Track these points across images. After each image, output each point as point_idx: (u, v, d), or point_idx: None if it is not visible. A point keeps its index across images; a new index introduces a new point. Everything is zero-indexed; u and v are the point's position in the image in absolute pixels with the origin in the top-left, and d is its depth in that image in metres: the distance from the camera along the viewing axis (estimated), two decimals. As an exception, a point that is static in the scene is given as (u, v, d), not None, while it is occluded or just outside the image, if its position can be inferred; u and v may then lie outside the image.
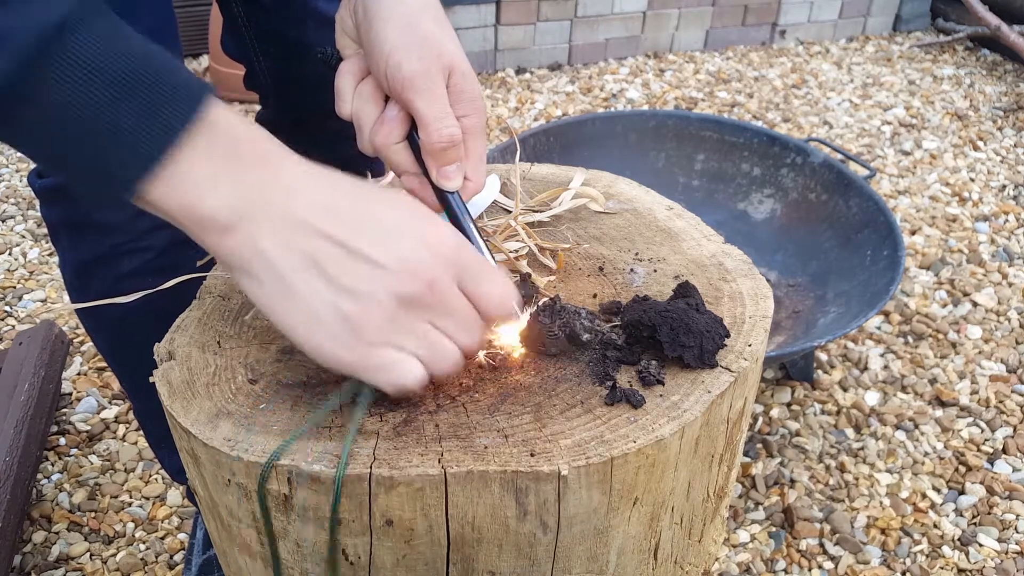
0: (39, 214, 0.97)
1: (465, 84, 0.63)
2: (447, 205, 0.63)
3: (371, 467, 0.53)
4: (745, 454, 1.53)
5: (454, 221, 0.63)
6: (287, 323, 0.50)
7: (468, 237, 0.62)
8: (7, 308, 1.82)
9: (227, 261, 0.50)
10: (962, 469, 1.51)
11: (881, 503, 1.44)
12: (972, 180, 2.42)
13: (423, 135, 0.62)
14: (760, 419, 1.60)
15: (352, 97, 0.66)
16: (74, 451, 1.49)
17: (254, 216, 0.48)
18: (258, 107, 1.16)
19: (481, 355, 0.62)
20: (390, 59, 0.60)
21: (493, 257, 0.63)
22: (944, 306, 1.92)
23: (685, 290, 0.65)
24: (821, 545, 1.38)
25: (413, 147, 0.64)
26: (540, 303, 0.66)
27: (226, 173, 0.48)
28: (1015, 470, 1.51)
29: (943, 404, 1.65)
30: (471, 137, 0.63)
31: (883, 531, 1.40)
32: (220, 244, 0.49)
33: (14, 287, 1.88)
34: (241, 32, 1.02)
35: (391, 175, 0.86)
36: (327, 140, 1.08)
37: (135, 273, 0.92)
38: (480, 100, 0.64)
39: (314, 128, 1.06)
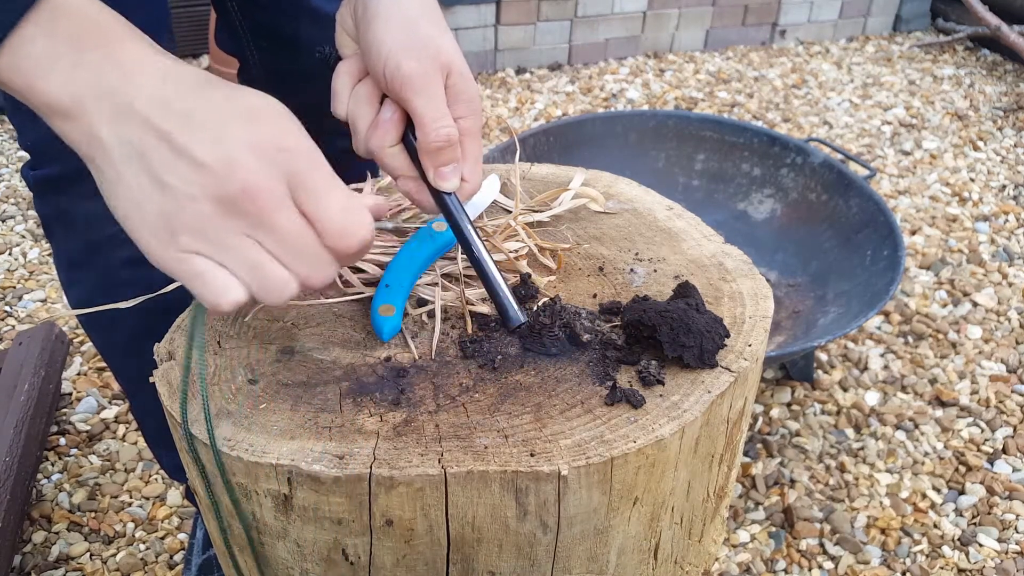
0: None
1: (463, 85, 0.63)
2: (444, 206, 0.63)
3: (371, 467, 0.53)
4: (745, 454, 1.53)
5: (451, 222, 0.63)
6: (119, 213, 0.49)
7: (466, 238, 0.62)
8: (7, 308, 1.82)
9: (73, 146, 0.49)
10: (962, 469, 1.51)
11: (881, 503, 1.44)
12: (972, 180, 2.42)
13: (420, 135, 0.61)
14: (760, 419, 1.60)
15: (348, 97, 0.65)
16: (74, 451, 1.49)
17: (91, 101, 0.47)
18: None
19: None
20: (388, 59, 0.60)
21: (492, 258, 0.62)
22: (944, 306, 1.92)
23: (685, 290, 0.65)
24: (821, 545, 1.38)
25: (408, 149, 0.64)
26: (541, 303, 0.66)
27: (67, 54, 0.46)
28: (1015, 470, 1.51)
29: (943, 404, 1.65)
30: (468, 138, 0.63)
31: (883, 531, 1.40)
32: (64, 128, 0.48)
33: (14, 287, 1.88)
34: (235, 26, 1.02)
35: (387, 178, 0.86)
36: (320, 136, 1.08)
37: (128, 262, 0.93)
38: (477, 102, 0.64)
39: (307, 123, 1.06)
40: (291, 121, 0.50)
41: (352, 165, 1.17)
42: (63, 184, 0.89)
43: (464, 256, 0.68)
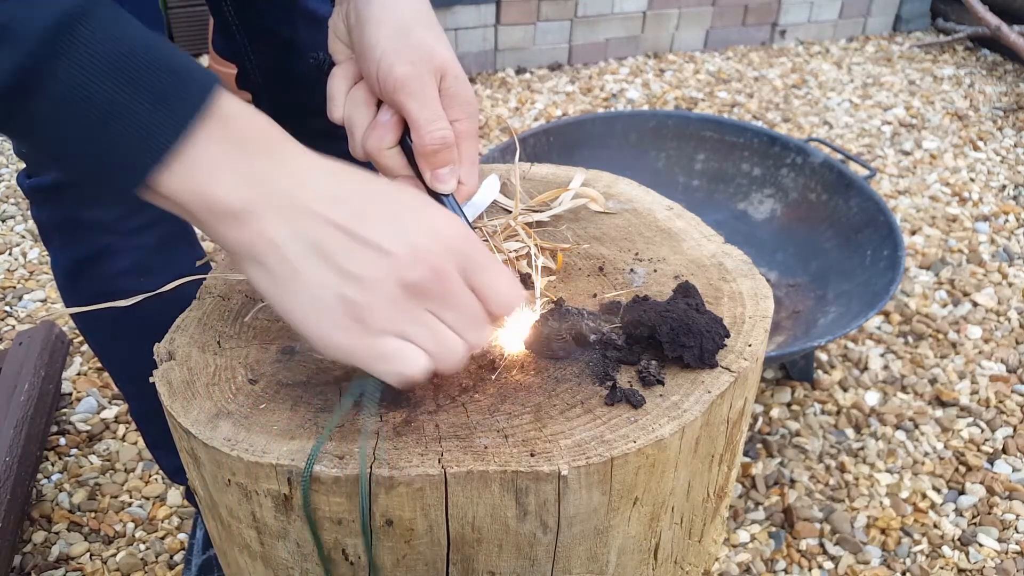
0: (37, 214, 0.97)
1: (457, 88, 0.63)
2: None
3: (371, 467, 0.53)
4: (745, 454, 1.53)
5: None
6: (294, 311, 0.50)
7: None
8: (7, 308, 1.82)
9: (236, 250, 0.50)
10: (962, 469, 1.51)
11: (881, 503, 1.44)
12: (972, 180, 2.42)
13: (416, 137, 0.62)
14: (760, 419, 1.60)
15: (344, 101, 0.66)
16: (74, 451, 1.49)
17: (263, 205, 0.48)
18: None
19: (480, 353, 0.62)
20: (381, 63, 0.61)
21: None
22: (944, 306, 1.92)
23: (685, 290, 0.65)
24: (821, 545, 1.38)
25: (406, 152, 0.64)
26: (545, 307, 0.66)
27: (236, 162, 0.48)
28: (1015, 470, 1.51)
29: (943, 404, 1.65)
30: (464, 141, 0.64)
31: (883, 531, 1.40)
32: (229, 233, 0.49)
33: (14, 287, 1.88)
34: (232, 31, 1.02)
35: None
36: (318, 139, 1.09)
37: (125, 272, 0.93)
38: (473, 104, 0.65)
39: (305, 127, 1.06)
40: (441, 208, 0.54)
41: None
42: (59, 192, 0.88)
43: None
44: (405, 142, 0.63)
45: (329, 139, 1.10)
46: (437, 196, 0.63)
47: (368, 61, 0.62)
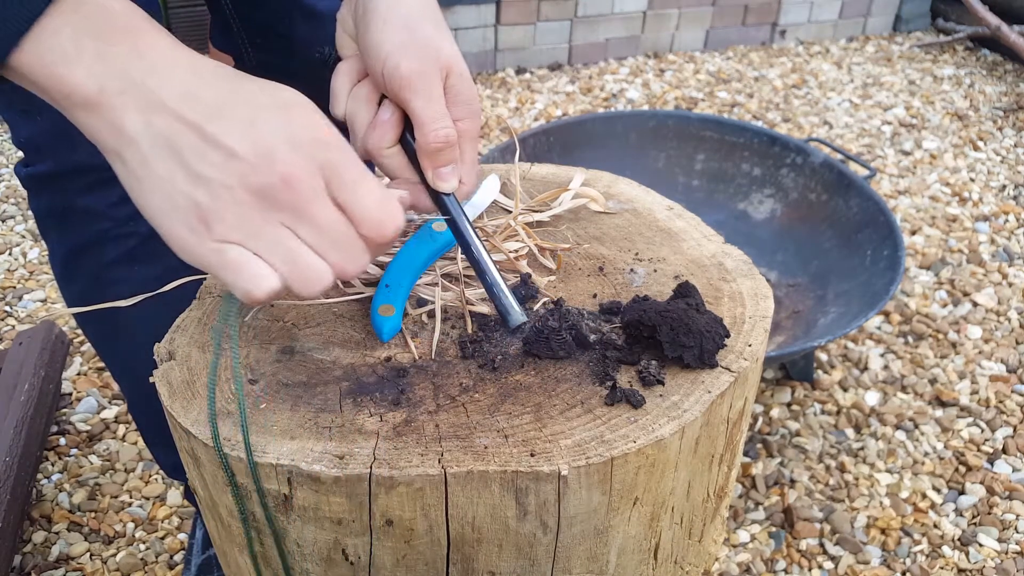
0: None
1: (462, 87, 0.63)
2: (443, 207, 0.63)
3: (371, 467, 0.53)
4: (745, 454, 1.53)
5: (450, 223, 0.63)
6: (146, 206, 0.48)
7: (465, 239, 0.62)
8: (7, 308, 1.82)
9: (95, 139, 0.49)
10: (962, 469, 1.51)
11: (881, 503, 1.44)
12: (972, 180, 2.42)
13: (419, 135, 0.61)
14: (760, 419, 1.60)
15: (347, 98, 0.65)
16: (74, 451, 1.49)
17: (117, 93, 0.46)
18: None
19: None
20: (388, 59, 0.60)
21: (491, 259, 0.62)
22: (944, 306, 1.92)
23: (685, 290, 0.65)
24: (821, 545, 1.38)
25: (406, 150, 0.63)
26: (545, 306, 0.66)
27: (92, 46, 0.46)
28: (1015, 470, 1.51)
29: (943, 404, 1.65)
30: (465, 141, 0.63)
31: (883, 531, 1.40)
32: (87, 121, 0.48)
33: (14, 287, 1.88)
34: (230, 24, 1.03)
35: (384, 179, 0.86)
36: None
37: (120, 260, 0.93)
38: (476, 104, 0.64)
39: None
40: (320, 114, 0.50)
41: None
42: (56, 181, 0.89)
43: (464, 256, 0.68)
44: (405, 140, 0.63)
45: None
46: (437, 195, 0.63)
47: (374, 58, 0.62)
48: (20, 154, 0.90)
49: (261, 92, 0.49)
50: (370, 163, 0.67)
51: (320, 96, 0.68)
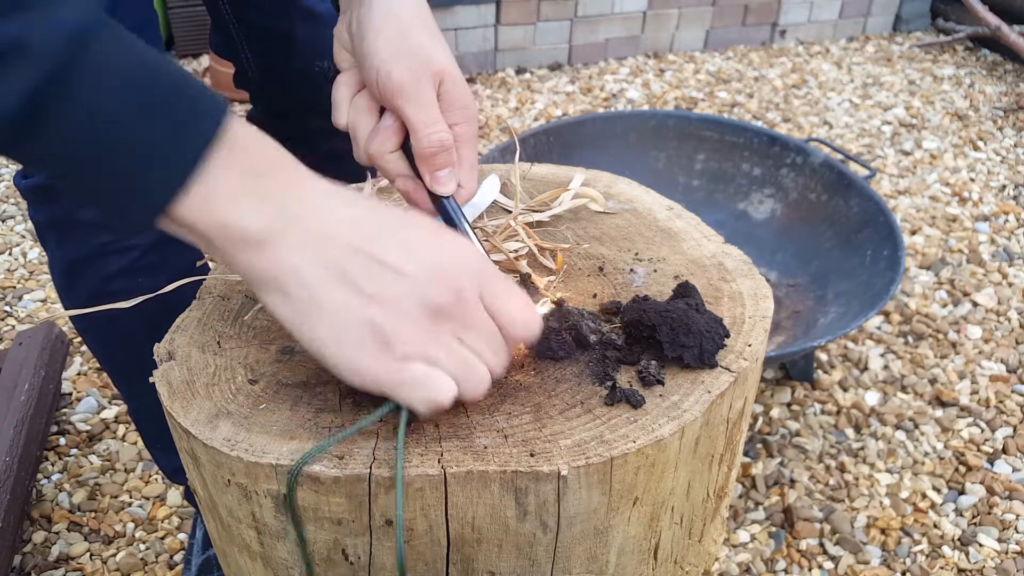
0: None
1: (456, 92, 0.63)
2: (442, 209, 0.64)
3: (371, 467, 0.53)
4: (745, 454, 1.53)
5: (450, 226, 0.64)
6: (317, 339, 0.49)
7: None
8: (7, 308, 1.82)
9: (256, 278, 0.49)
10: (962, 469, 1.51)
11: (881, 503, 1.44)
12: (972, 180, 2.42)
13: (414, 141, 0.62)
14: (760, 419, 1.60)
15: (348, 108, 0.66)
16: (74, 451, 1.50)
17: (282, 231, 0.47)
18: (250, 106, 1.17)
19: None
20: (380, 69, 0.61)
21: (490, 260, 0.63)
22: (944, 306, 1.92)
23: (685, 290, 0.65)
24: (821, 545, 1.38)
25: (408, 156, 0.64)
26: (545, 307, 0.66)
27: (253, 188, 0.47)
28: (1015, 470, 1.51)
29: (943, 404, 1.65)
30: (463, 144, 0.64)
31: (883, 531, 1.40)
32: (250, 261, 0.48)
33: (14, 287, 1.88)
34: (229, 30, 1.03)
35: (383, 181, 0.86)
36: (316, 136, 1.11)
37: (122, 272, 0.93)
38: (472, 108, 0.65)
39: (303, 124, 1.08)
40: (452, 233, 0.54)
41: (343, 167, 1.17)
42: (55, 193, 0.88)
43: None
44: (408, 147, 0.64)
45: (328, 136, 1.11)
46: (436, 198, 0.64)
47: (368, 68, 0.62)
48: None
49: (413, 217, 0.52)
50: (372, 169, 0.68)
51: (319, 98, 0.69)
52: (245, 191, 0.47)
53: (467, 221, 0.64)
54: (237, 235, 0.47)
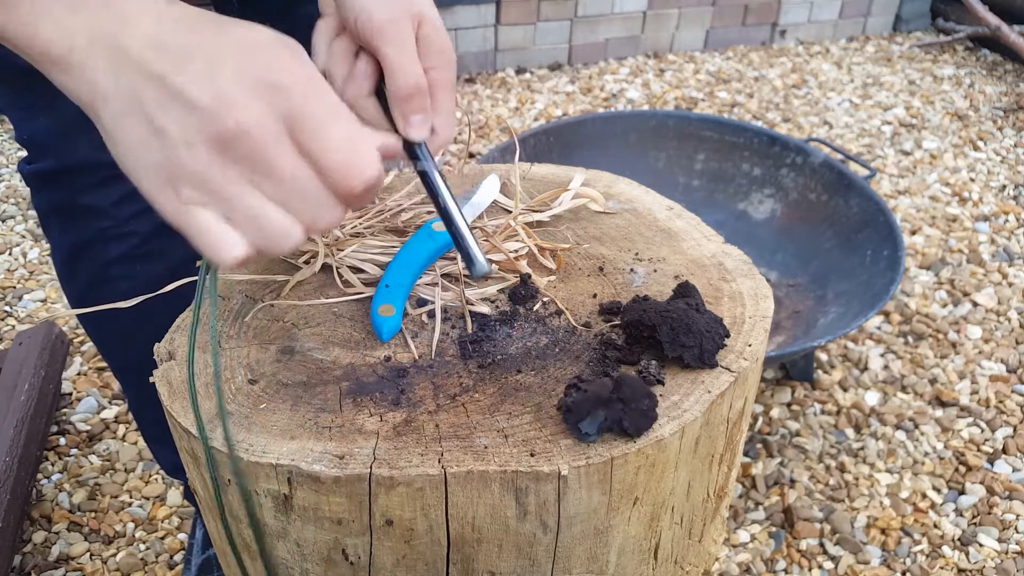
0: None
1: (435, 35, 0.62)
2: (412, 155, 0.61)
3: (371, 467, 0.53)
4: (745, 454, 1.53)
5: (420, 173, 0.61)
6: (123, 166, 0.46)
7: (433, 189, 0.60)
8: (7, 308, 1.82)
9: (75, 100, 0.46)
10: (962, 469, 1.51)
11: (881, 503, 1.44)
12: (972, 180, 2.42)
13: (389, 82, 0.60)
14: (760, 419, 1.60)
15: (325, 52, 0.65)
16: (74, 451, 1.50)
17: (86, 48, 0.44)
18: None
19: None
20: (361, 10, 0.60)
21: (460, 209, 0.60)
22: (944, 306, 1.92)
23: (685, 290, 0.65)
24: (821, 545, 1.38)
25: (381, 102, 0.63)
26: (546, 307, 0.65)
27: (60, 2, 0.44)
28: (1015, 470, 1.51)
29: (943, 404, 1.65)
30: (439, 90, 0.62)
31: (883, 531, 1.40)
32: (62, 80, 0.45)
33: (14, 287, 1.88)
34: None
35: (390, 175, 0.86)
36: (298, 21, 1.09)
37: (121, 259, 0.94)
38: (449, 53, 0.63)
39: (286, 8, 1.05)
40: (287, 50, 0.46)
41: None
42: (59, 179, 0.89)
43: (433, 207, 0.66)
44: (381, 91, 0.63)
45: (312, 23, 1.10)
46: (409, 145, 0.62)
47: (347, 8, 0.61)
48: (21, 153, 0.90)
49: (223, 33, 0.45)
50: None
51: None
52: (50, 4, 0.44)
53: (437, 167, 0.61)
54: (44, 50, 0.44)
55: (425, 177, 0.61)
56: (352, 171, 0.45)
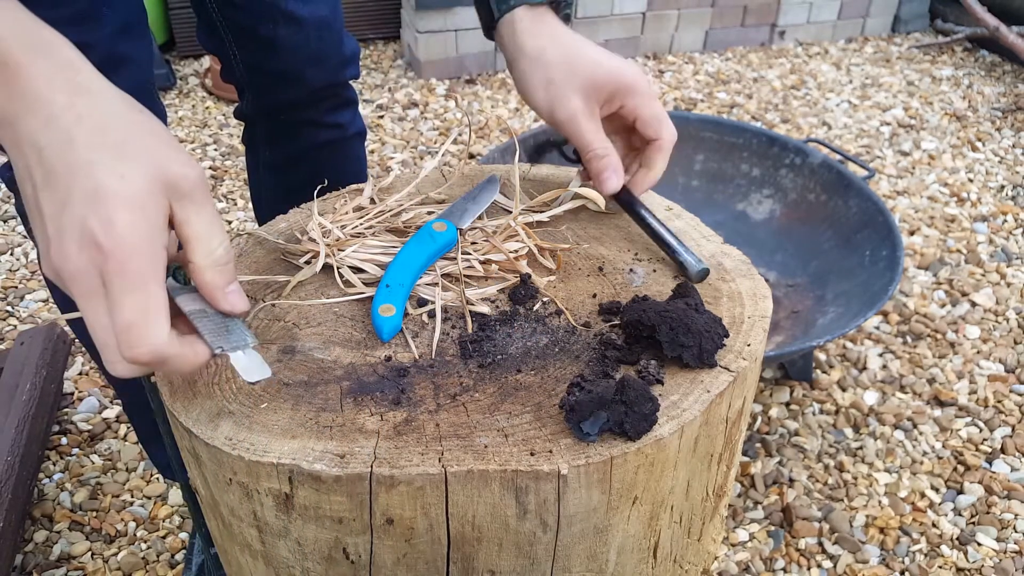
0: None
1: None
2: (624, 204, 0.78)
3: (372, 466, 0.53)
4: (744, 453, 1.53)
5: (625, 205, 0.77)
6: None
7: (639, 217, 0.76)
8: (9, 308, 1.82)
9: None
10: (960, 469, 1.51)
11: (880, 502, 1.45)
12: (971, 180, 2.42)
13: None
14: (759, 418, 1.61)
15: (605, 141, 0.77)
16: (75, 450, 1.50)
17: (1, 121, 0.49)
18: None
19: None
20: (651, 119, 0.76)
21: (684, 246, 0.72)
22: (943, 306, 1.92)
23: (684, 290, 0.65)
24: (820, 544, 1.38)
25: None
26: (545, 307, 0.66)
27: None
28: (1013, 469, 1.52)
29: (941, 404, 1.65)
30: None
31: (882, 530, 1.40)
32: None
33: (16, 287, 1.89)
34: (216, 27, 1.04)
35: (388, 178, 0.86)
36: (301, 128, 1.11)
37: None
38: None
39: (286, 120, 1.09)
40: (128, 208, 0.48)
41: (338, 157, 1.19)
42: None
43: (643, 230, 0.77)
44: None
45: (315, 128, 1.13)
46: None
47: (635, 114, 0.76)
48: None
49: (85, 168, 0.48)
50: None
51: (305, 99, 0.69)
52: None
53: (641, 203, 0.77)
54: None
55: (630, 208, 0.76)
56: (132, 340, 0.48)
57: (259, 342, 0.60)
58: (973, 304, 1.92)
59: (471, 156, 2.43)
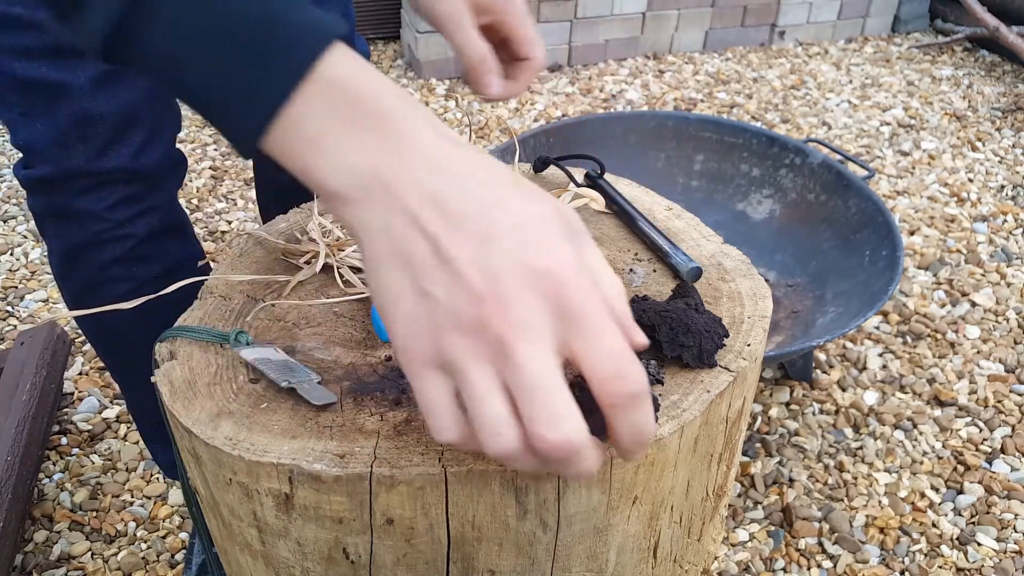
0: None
1: None
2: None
3: (372, 466, 0.53)
4: (744, 453, 1.53)
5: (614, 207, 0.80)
6: (375, 296, 0.45)
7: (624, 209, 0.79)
8: (9, 308, 1.82)
9: (339, 222, 0.49)
10: (960, 468, 1.51)
11: (880, 502, 1.45)
12: (971, 180, 2.42)
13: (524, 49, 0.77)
14: (759, 418, 1.61)
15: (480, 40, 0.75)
16: (75, 450, 1.50)
17: (363, 189, 0.43)
18: None
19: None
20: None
21: (675, 247, 0.73)
22: (943, 306, 1.92)
23: (684, 290, 0.65)
24: (820, 544, 1.38)
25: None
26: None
27: (340, 137, 0.43)
28: (1013, 469, 1.52)
29: (941, 404, 1.65)
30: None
31: (882, 530, 1.40)
32: (338, 212, 0.44)
33: (16, 287, 1.89)
34: None
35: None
36: None
37: (117, 261, 0.94)
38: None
39: None
40: (566, 234, 0.43)
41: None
42: (55, 183, 0.90)
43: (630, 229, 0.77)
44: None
45: None
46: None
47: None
48: (20, 154, 0.90)
49: (499, 204, 0.42)
50: None
51: None
52: (330, 137, 0.43)
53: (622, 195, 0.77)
54: (316, 184, 0.44)
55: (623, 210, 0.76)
56: (623, 379, 0.41)
57: (317, 376, 0.61)
58: (973, 304, 1.92)
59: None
